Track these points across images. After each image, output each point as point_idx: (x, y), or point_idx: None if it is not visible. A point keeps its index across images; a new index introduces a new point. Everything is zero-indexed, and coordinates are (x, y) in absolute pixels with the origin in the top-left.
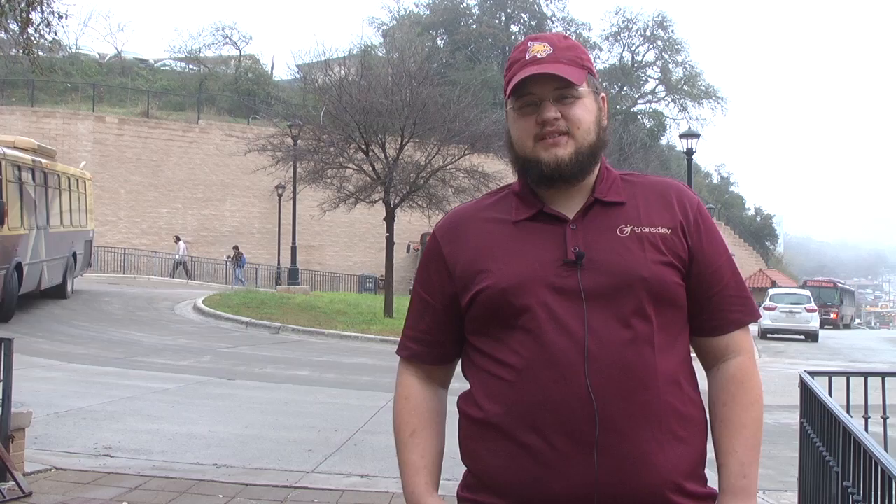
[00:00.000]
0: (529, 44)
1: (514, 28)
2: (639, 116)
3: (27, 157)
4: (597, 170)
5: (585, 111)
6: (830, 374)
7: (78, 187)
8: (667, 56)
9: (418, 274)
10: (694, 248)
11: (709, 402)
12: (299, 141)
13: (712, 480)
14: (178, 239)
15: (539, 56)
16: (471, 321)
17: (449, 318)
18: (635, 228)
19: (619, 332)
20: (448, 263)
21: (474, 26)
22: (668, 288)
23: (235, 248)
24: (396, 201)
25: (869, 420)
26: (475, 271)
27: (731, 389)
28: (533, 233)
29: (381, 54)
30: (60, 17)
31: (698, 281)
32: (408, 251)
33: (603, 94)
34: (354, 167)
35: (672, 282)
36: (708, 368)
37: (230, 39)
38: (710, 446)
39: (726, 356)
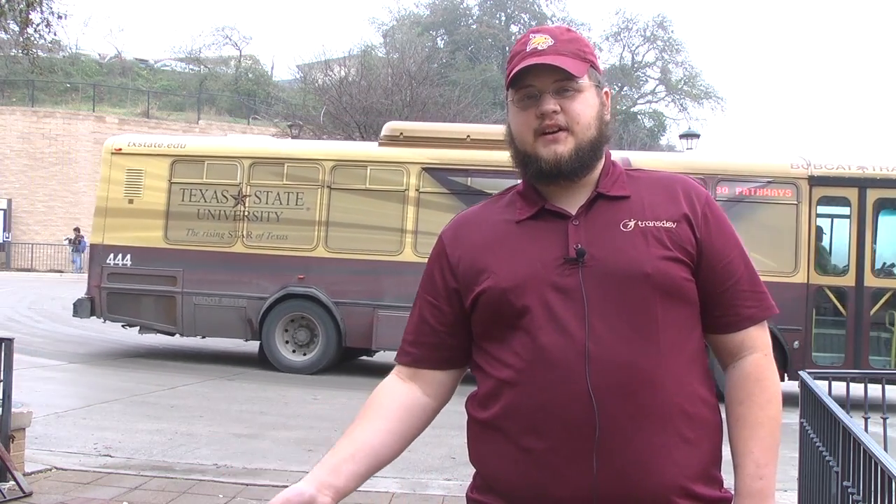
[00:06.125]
0: (531, 36)
1: (514, 28)
2: (639, 116)
3: None
4: (601, 165)
5: (586, 105)
6: (830, 375)
7: None
8: (667, 56)
9: (422, 280)
10: (703, 241)
11: (725, 401)
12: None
13: (730, 484)
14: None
15: (539, 48)
16: (475, 323)
17: (454, 319)
18: (639, 223)
19: (622, 330)
20: (452, 264)
21: (474, 26)
22: (675, 283)
23: (76, 230)
24: None
25: (869, 420)
26: (477, 272)
27: (746, 387)
28: (535, 231)
29: (381, 54)
30: (60, 17)
31: (709, 275)
32: None
33: (606, 90)
34: None
35: (678, 277)
36: (724, 367)
37: (230, 40)
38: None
39: (742, 353)
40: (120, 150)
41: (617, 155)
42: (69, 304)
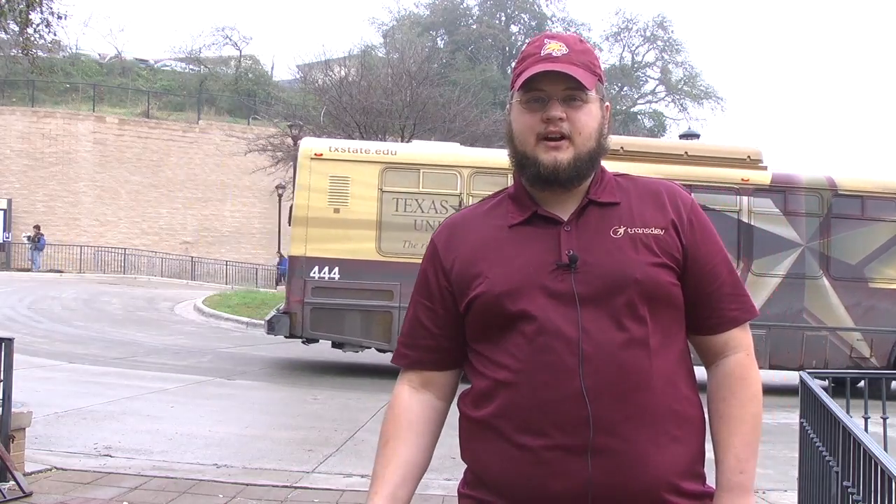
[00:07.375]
0: (546, 41)
1: (514, 28)
2: (639, 116)
3: None
4: (593, 173)
5: (590, 117)
6: (830, 375)
7: None
8: (667, 56)
9: (416, 282)
10: (688, 246)
11: (707, 399)
12: (299, 141)
13: (712, 480)
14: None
15: (554, 54)
16: (469, 326)
17: (448, 322)
18: (628, 230)
19: (614, 334)
20: (445, 268)
21: (474, 27)
22: (662, 289)
23: (36, 227)
24: None
25: (869, 420)
26: (471, 276)
27: (729, 385)
28: (527, 236)
29: (381, 54)
30: (60, 17)
31: (694, 280)
32: None
33: (608, 104)
34: None
35: (666, 282)
36: (707, 366)
37: (230, 40)
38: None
39: (725, 353)
40: (320, 155)
41: (821, 172)
42: (69, 303)
